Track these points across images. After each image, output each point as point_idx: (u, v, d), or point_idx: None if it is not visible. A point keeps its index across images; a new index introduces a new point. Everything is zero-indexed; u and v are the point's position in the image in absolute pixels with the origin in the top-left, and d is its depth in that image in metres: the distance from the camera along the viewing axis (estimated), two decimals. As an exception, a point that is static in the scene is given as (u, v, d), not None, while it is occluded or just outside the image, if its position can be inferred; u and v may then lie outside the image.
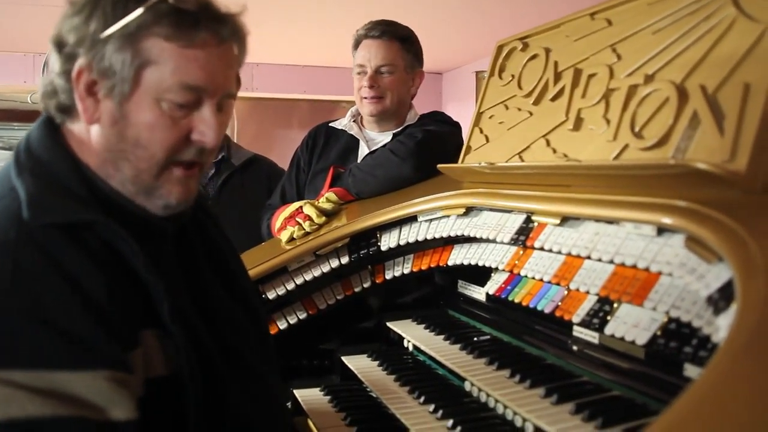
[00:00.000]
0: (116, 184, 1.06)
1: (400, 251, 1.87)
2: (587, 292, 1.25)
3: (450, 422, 1.31)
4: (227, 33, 1.05)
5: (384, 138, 2.35)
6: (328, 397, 1.67)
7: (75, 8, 1.03)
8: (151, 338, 0.99)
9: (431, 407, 1.39)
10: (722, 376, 0.64)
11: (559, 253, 1.33)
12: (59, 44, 1.04)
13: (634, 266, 1.14)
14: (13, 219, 0.95)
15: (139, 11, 0.99)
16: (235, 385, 1.10)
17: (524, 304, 1.41)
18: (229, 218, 2.57)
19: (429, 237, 1.76)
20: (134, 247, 0.99)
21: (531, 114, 1.60)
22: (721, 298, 0.90)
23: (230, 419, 1.06)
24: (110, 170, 1.06)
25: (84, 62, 1.01)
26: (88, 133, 1.06)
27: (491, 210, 1.59)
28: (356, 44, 2.33)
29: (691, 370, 1.02)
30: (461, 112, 6.38)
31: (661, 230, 1.10)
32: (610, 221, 1.23)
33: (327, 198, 2.09)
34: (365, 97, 2.29)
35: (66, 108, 1.06)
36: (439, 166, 1.85)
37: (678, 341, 1.04)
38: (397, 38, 2.29)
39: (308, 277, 1.90)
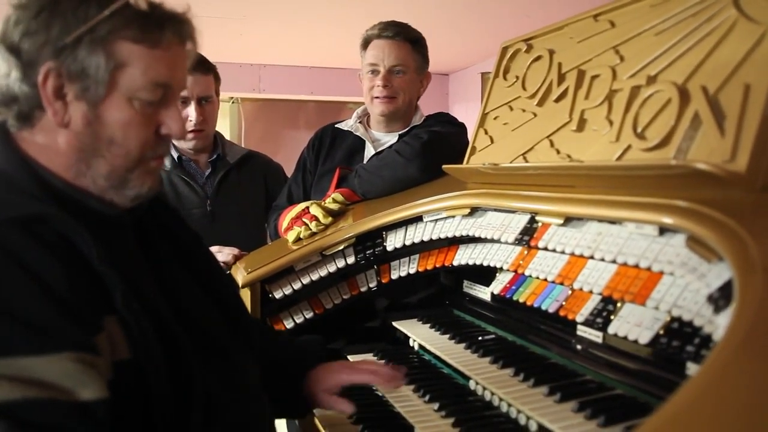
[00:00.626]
0: (87, 182, 1.10)
1: (406, 251, 1.88)
2: (591, 292, 1.26)
3: (454, 420, 1.32)
4: (186, 33, 1.13)
5: (390, 139, 2.36)
6: (334, 396, 1.68)
7: (28, 13, 1.04)
8: (113, 323, 1.01)
9: (436, 405, 1.41)
10: (718, 373, 0.65)
11: (563, 253, 1.34)
12: (12, 49, 1.05)
13: (636, 266, 1.15)
14: None
15: (106, 15, 1.03)
16: (206, 371, 1.12)
17: (529, 303, 1.42)
18: (228, 215, 2.60)
19: (434, 237, 1.78)
20: (86, 238, 1.02)
21: (535, 115, 1.61)
22: (722, 297, 0.91)
23: (199, 402, 1.08)
24: (82, 168, 1.09)
25: (51, 67, 1.04)
26: (51, 137, 1.09)
27: (496, 210, 1.61)
28: (365, 44, 2.35)
29: (693, 369, 1.03)
30: (468, 113, 6.40)
31: (663, 230, 1.11)
32: (612, 221, 1.24)
33: (333, 198, 2.10)
34: (377, 97, 2.31)
35: (25, 115, 1.09)
36: (444, 167, 1.86)
37: (680, 340, 1.05)
38: (409, 40, 2.31)
39: (315, 276, 1.92)
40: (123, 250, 1.12)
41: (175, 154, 2.63)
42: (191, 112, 2.51)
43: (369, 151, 2.37)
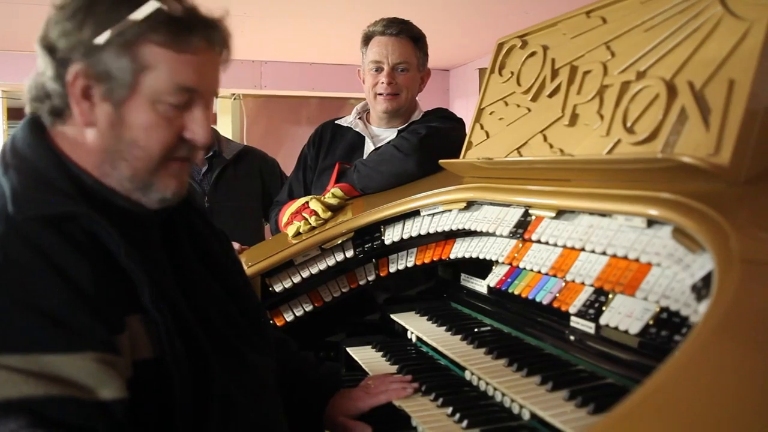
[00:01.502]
0: (113, 182, 1.11)
1: (404, 245, 1.91)
2: (583, 284, 1.29)
3: (450, 409, 1.35)
4: (217, 38, 1.12)
5: (389, 134, 2.39)
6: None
7: (65, 13, 1.07)
8: (136, 323, 1.03)
9: (432, 396, 1.43)
10: (691, 358, 0.67)
11: (556, 245, 1.37)
12: (49, 48, 1.08)
13: (625, 257, 1.18)
14: (0, 214, 1.01)
15: (136, 19, 1.04)
16: (223, 371, 1.14)
17: (524, 296, 1.45)
18: (226, 210, 2.63)
19: (431, 231, 1.80)
20: (115, 237, 1.03)
21: (529, 110, 1.63)
22: (704, 287, 0.93)
23: (217, 401, 1.10)
24: (108, 169, 1.11)
25: (80, 67, 1.06)
26: (81, 135, 1.10)
27: (491, 204, 1.63)
28: (367, 40, 2.36)
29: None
30: (468, 108, 6.41)
31: (651, 222, 1.14)
32: (603, 214, 1.27)
33: (333, 193, 2.13)
34: (381, 94, 2.33)
35: (59, 111, 1.11)
36: (440, 161, 1.89)
37: (668, 330, 1.07)
38: (411, 37, 2.34)
39: (314, 270, 1.95)
40: (148, 248, 1.14)
41: None
42: None
43: (368, 146, 2.39)
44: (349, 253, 1.94)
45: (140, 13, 1.04)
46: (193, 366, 1.08)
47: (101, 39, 1.04)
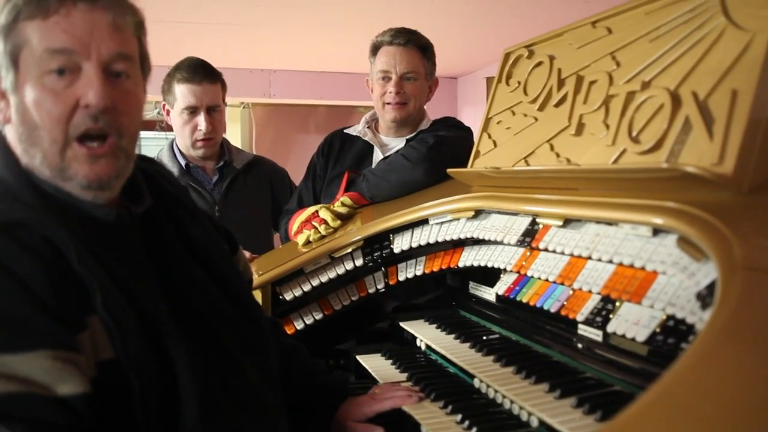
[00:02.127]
0: (40, 173, 1.12)
1: (413, 253, 1.92)
2: (590, 292, 1.29)
3: (459, 417, 1.36)
4: None
5: (397, 143, 2.41)
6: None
7: None
8: (96, 323, 1.04)
9: (441, 403, 1.44)
10: (694, 364, 0.69)
11: (563, 254, 1.38)
12: None
13: (632, 265, 1.19)
14: None
15: (8, 4, 1.07)
16: (208, 372, 1.14)
17: (532, 304, 1.46)
18: (236, 220, 2.65)
19: (440, 239, 1.82)
20: (64, 241, 1.04)
21: (536, 120, 1.65)
22: (709, 295, 0.95)
23: (193, 404, 1.09)
24: (28, 161, 1.12)
25: None
26: (11, 135, 1.14)
27: (499, 213, 1.65)
28: (375, 50, 2.39)
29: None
30: (476, 116, 6.42)
31: (656, 231, 1.15)
32: (609, 223, 1.28)
33: (342, 202, 2.15)
34: (389, 103, 2.35)
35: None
36: (448, 170, 1.90)
37: (675, 337, 1.08)
38: (419, 47, 2.36)
39: (324, 278, 1.96)
40: (116, 249, 1.13)
41: (182, 161, 2.69)
42: (201, 121, 2.57)
43: (377, 155, 2.41)
44: (359, 262, 1.96)
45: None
46: (161, 369, 1.08)
47: None
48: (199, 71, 2.55)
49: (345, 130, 2.57)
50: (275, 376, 1.36)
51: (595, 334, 1.29)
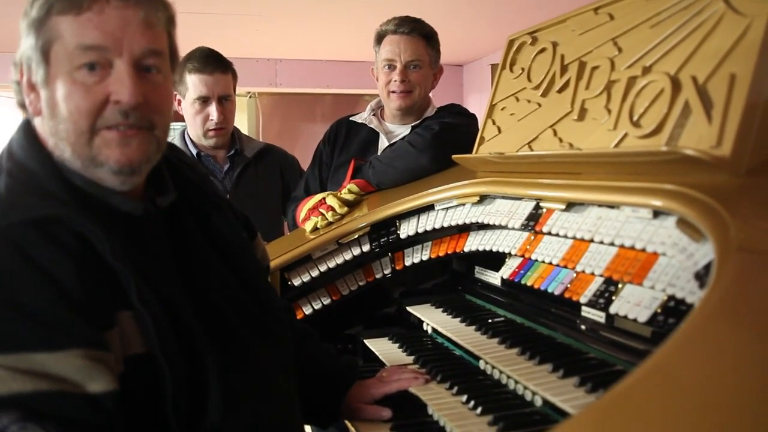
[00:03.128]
0: (71, 165, 1.13)
1: (419, 239, 1.95)
2: (593, 274, 1.31)
3: (465, 397, 1.39)
4: None
5: (403, 130, 2.42)
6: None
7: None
8: (127, 319, 1.06)
9: (447, 384, 1.48)
10: (686, 341, 0.71)
11: (566, 237, 1.40)
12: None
13: (633, 247, 1.21)
14: None
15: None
16: (226, 366, 1.15)
17: (536, 287, 1.48)
18: (247, 208, 2.66)
19: (446, 225, 1.84)
20: (99, 236, 1.05)
21: (539, 105, 1.67)
22: (706, 274, 0.97)
23: (216, 399, 1.11)
24: (58, 153, 1.13)
25: (17, 61, 1.12)
26: (41, 127, 1.15)
27: (503, 198, 1.67)
28: (380, 39, 2.41)
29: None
30: (482, 103, 6.41)
31: (657, 213, 1.17)
32: (611, 206, 1.30)
33: (349, 189, 2.17)
34: (394, 91, 2.37)
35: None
36: (454, 156, 1.92)
37: (676, 317, 1.10)
38: (423, 35, 2.37)
39: (331, 264, 1.99)
40: (143, 243, 1.15)
41: (193, 150, 2.71)
42: (213, 111, 2.59)
43: (383, 142, 2.43)
44: (366, 248, 1.99)
45: None
46: (187, 362, 1.10)
47: (22, 28, 1.10)
48: (210, 61, 2.57)
49: (351, 118, 2.59)
50: (291, 365, 1.38)
51: (598, 316, 1.31)
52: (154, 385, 1.06)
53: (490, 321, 1.68)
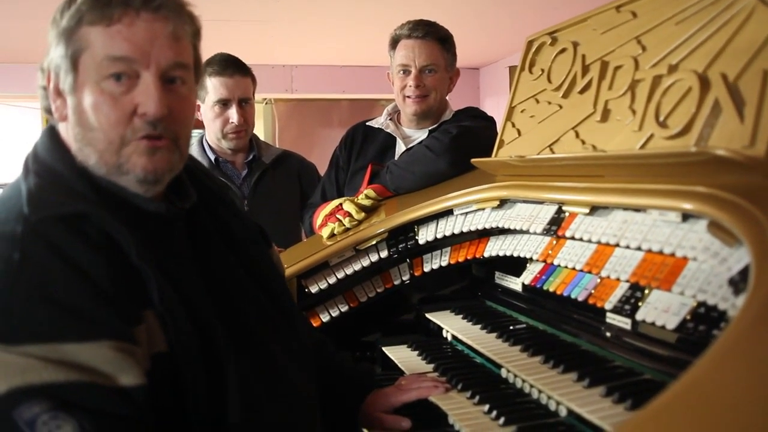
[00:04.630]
0: (95, 170, 1.15)
1: (438, 244, 1.91)
2: (618, 279, 1.28)
3: (487, 407, 1.36)
4: (138, 3, 1.11)
5: (420, 135, 2.40)
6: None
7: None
8: (151, 317, 1.07)
9: (468, 393, 1.44)
10: (728, 351, 0.67)
11: (590, 241, 1.37)
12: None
13: (661, 252, 1.17)
14: (18, 216, 1.05)
15: (71, 8, 1.11)
16: (246, 369, 1.16)
17: (558, 293, 1.45)
18: (265, 214, 2.66)
19: (465, 230, 1.81)
20: (125, 235, 1.07)
21: (560, 107, 1.63)
22: (741, 280, 0.93)
23: (235, 397, 1.11)
24: (82, 157, 1.15)
25: (45, 67, 1.15)
26: (66, 132, 1.17)
27: (524, 202, 1.64)
28: (394, 43, 2.38)
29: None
30: (499, 106, 6.39)
31: (686, 216, 1.13)
32: (637, 209, 1.26)
33: (366, 195, 2.15)
34: (409, 96, 2.34)
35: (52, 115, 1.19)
36: (473, 160, 1.89)
37: (706, 324, 1.06)
38: (438, 39, 2.35)
39: (349, 271, 1.96)
40: (166, 244, 1.17)
41: (212, 156, 2.71)
42: (233, 114, 2.59)
43: (400, 147, 2.41)
44: (384, 254, 1.96)
45: (76, 3, 1.11)
46: (208, 361, 1.10)
47: (51, 36, 1.12)
48: (230, 65, 2.58)
49: (367, 123, 2.57)
50: (311, 369, 1.37)
51: (624, 323, 1.27)
52: (176, 384, 1.07)
53: (511, 328, 1.64)
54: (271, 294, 1.34)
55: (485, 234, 1.80)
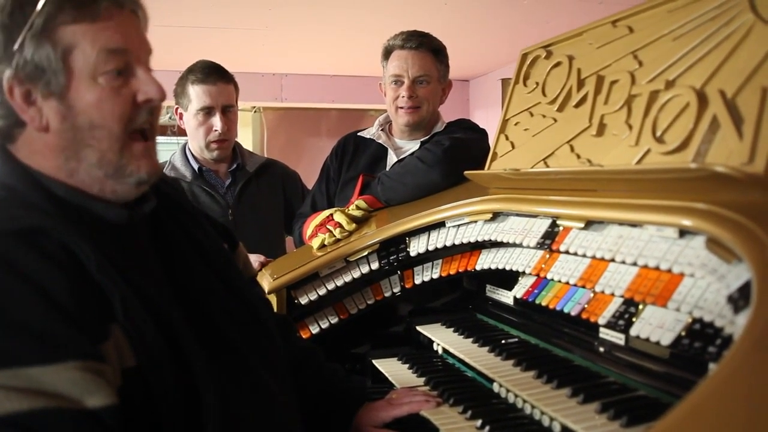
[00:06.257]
0: (83, 177, 1.11)
1: (429, 256, 1.91)
2: (612, 294, 1.27)
3: (479, 422, 1.34)
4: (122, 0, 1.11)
5: (412, 146, 2.39)
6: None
7: None
8: (118, 331, 1.03)
9: (460, 408, 1.42)
10: (733, 372, 0.66)
11: (584, 256, 1.36)
12: None
13: (657, 268, 1.16)
14: None
15: (39, 8, 1.05)
16: (222, 378, 1.13)
17: (551, 307, 1.44)
18: (249, 223, 2.65)
19: (457, 242, 1.80)
20: (85, 249, 1.02)
21: (555, 120, 1.63)
22: (741, 297, 0.92)
23: (210, 408, 1.08)
24: (73, 165, 1.11)
25: (9, 76, 1.07)
26: (38, 142, 1.11)
27: (517, 215, 1.63)
28: (387, 54, 2.38)
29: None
30: (488, 119, 6.41)
31: (683, 232, 1.13)
32: (633, 224, 1.26)
33: (357, 205, 2.13)
34: (401, 107, 2.34)
35: (6, 133, 1.12)
36: (466, 172, 1.89)
37: (702, 341, 1.05)
38: (431, 50, 2.34)
39: (339, 282, 1.95)
40: (130, 252, 1.13)
41: (195, 165, 2.69)
42: (216, 121, 2.57)
43: (391, 158, 2.40)
44: (374, 265, 1.94)
45: (40, 3, 1.05)
46: (180, 372, 1.07)
47: (17, 41, 1.05)
48: (213, 72, 2.57)
49: (359, 133, 2.56)
50: (286, 375, 1.35)
51: (617, 338, 1.26)
52: (149, 399, 1.03)
53: (503, 342, 1.63)
54: (239, 298, 1.31)
55: (477, 247, 1.79)
